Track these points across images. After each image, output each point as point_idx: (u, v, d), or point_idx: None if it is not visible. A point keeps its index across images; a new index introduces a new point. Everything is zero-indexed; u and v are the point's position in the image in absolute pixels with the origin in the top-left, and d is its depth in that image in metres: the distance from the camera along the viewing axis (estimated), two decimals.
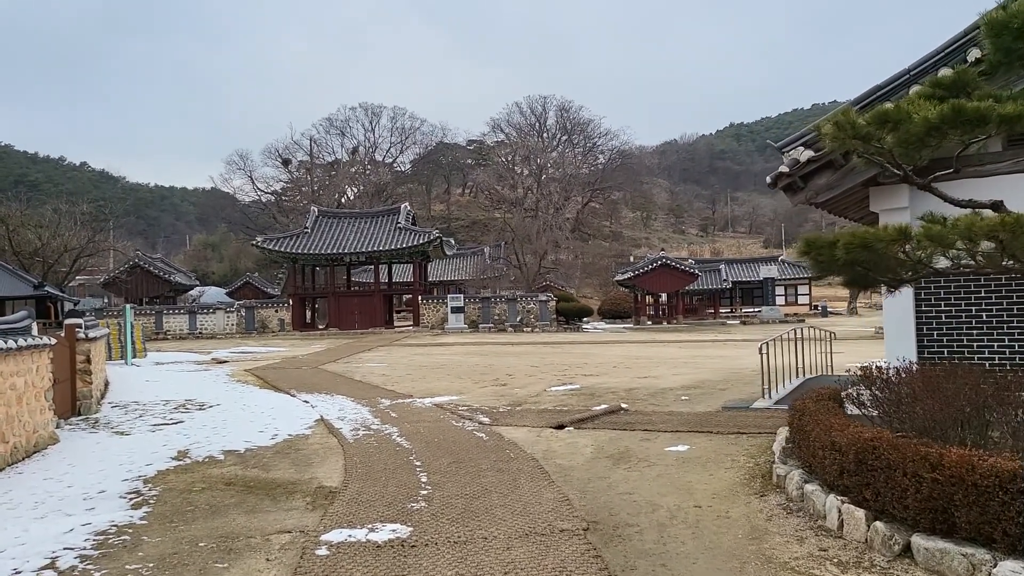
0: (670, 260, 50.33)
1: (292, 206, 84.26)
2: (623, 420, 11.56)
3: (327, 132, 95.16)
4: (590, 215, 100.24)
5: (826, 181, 9.26)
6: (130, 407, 14.45)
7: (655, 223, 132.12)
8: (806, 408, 7.09)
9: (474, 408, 13.50)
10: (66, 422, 12.27)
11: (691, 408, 12.73)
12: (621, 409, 12.62)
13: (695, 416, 11.72)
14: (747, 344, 31.27)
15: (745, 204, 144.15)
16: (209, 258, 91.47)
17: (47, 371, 10.56)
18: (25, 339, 9.51)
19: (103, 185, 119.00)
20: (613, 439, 10.10)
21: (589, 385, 16.71)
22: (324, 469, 8.88)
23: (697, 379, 17.41)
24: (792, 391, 12.89)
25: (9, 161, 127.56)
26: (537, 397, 15.02)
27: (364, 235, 45.91)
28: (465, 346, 31.96)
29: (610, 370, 20.32)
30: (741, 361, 22.41)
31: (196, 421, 12.67)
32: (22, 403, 9.54)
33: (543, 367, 21.53)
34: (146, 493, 7.88)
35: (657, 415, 11.99)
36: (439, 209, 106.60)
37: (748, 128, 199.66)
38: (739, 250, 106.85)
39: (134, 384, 18.60)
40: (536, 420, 11.86)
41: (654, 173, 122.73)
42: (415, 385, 17.76)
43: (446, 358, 26.01)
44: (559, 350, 28.78)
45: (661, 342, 33.12)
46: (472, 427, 11.40)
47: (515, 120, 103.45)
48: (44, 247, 35.68)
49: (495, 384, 17.62)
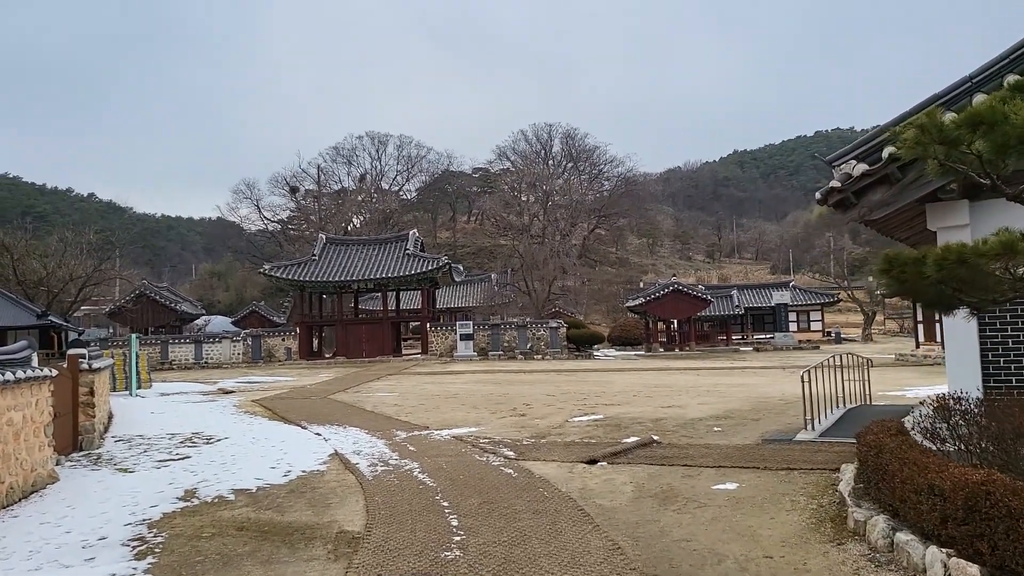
0: (682, 286, 49.65)
1: (298, 235, 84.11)
2: (659, 454, 10.83)
3: (334, 161, 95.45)
4: (596, 242, 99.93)
5: (881, 197, 8.62)
6: (134, 441, 13.77)
7: (661, 249, 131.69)
8: (883, 444, 6.39)
9: (496, 441, 12.79)
10: (67, 458, 11.59)
11: (728, 440, 12.00)
12: (654, 442, 11.90)
13: (735, 450, 10.99)
14: (766, 372, 30.55)
15: (751, 230, 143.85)
16: (215, 287, 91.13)
17: (47, 405, 9.91)
18: (24, 371, 8.88)
19: (110, 215, 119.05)
20: (653, 476, 9.38)
21: (612, 415, 15.98)
22: (344, 511, 8.17)
23: (725, 409, 16.67)
24: (836, 423, 12.16)
25: (17, 192, 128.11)
26: (560, 428, 14.30)
27: (372, 262, 45.41)
28: (476, 374, 31.23)
29: (631, 399, 19.59)
30: (765, 389, 21.69)
31: (204, 456, 11.98)
32: (19, 440, 8.88)
33: (560, 396, 20.81)
34: (151, 540, 7.19)
35: (694, 448, 11.26)
36: (445, 236, 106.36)
37: (752, 155, 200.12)
38: (746, 276, 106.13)
39: (139, 416, 17.93)
40: (565, 454, 11.14)
41: (659, 200, 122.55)
42: (430, 416, 17.05)
43: (458, 387, 25.30)
44: (573, 378, 28.04)
45: (677, 369, 32.34)
46: (498, 462, 10.69)
47: (521, 147, 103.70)
48: (49, 276, 35.17)
49: (513, 414, 16.90)
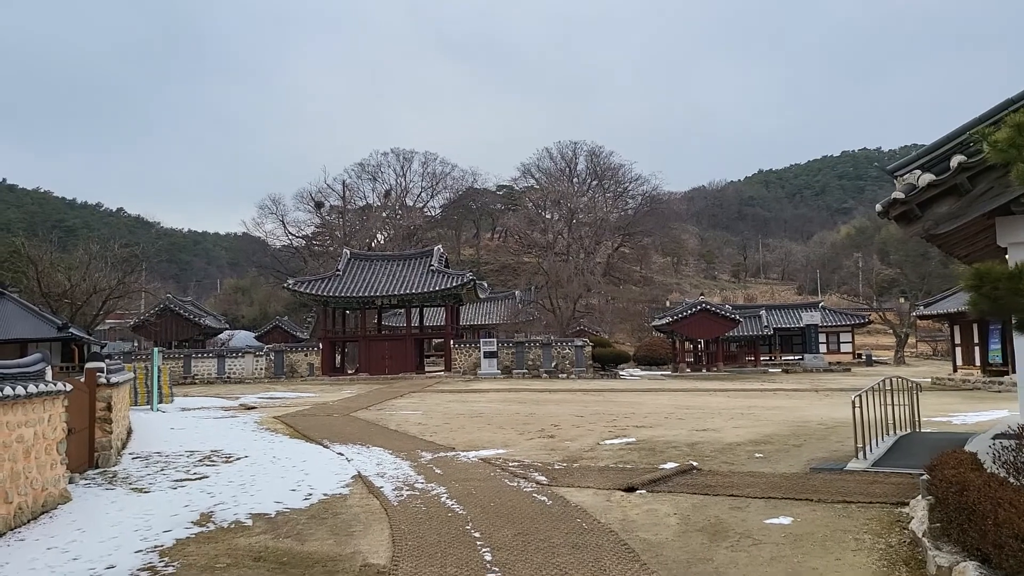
0: (710, 305, 48.76)
1: (323, 250, 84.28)
2: (701, 482, 10.18)
3: (359, 177, 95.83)
4: (620, 260, 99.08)
5: (948, 209, 8.00)
6: (152, 459, 13.36)
7: (686, 268, 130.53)
8: (967, 480, 5.73)
9: (526, 464, 12.20)
10: (81, 476, 11.19)
11: (772, 468, 11.30)
12: (693, 468, 11.24)
13: (783, 479, 10.30)
14: (799, 394, 29.61)
15: (776, 250, 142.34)
16: (239, 302, 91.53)
17: (60, 421, 9.51)
18: (36, 385, 8.49)
19: (138, 230, 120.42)
20: (698, 506, 8.74)
21: (645, 438, 15.31)
22: (368, 540, 7.63)
23: (762, 433, 15.92)
24: (888, 451, 11.43)
25: (48, 207, 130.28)
26: (592, 452, 13.68)
27: (396, 278, 45.11)
28: (501, 393, 30.64)
29: (662, 421, 18.90)
30: (802, 412, 20.89)
31: (222, 476, 11.52)
32: (30, 458, 8.48)
33: (589, 417, 20.16)
34: (162, 570, 6.69)
35: (738, 476, 10.58)
36: (468, 253, 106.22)
37: (777, 175, 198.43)
38: (773, 296, 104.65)
39: (158, 432, 17.58)
40: (600, 480, 10.52)
41: (683, 219, 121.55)
42: (455, 436, 16.50)
43: (483, 405, 24.73)
44: (601, 398, 27.36)
45: (706, 390, 31.49)
46: (530, 488, 10.09)
47: (545, 165, 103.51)
48: (73, 289, 35.21)
49: (542, 436, 16.29)
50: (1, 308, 27.31)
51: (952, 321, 35.92)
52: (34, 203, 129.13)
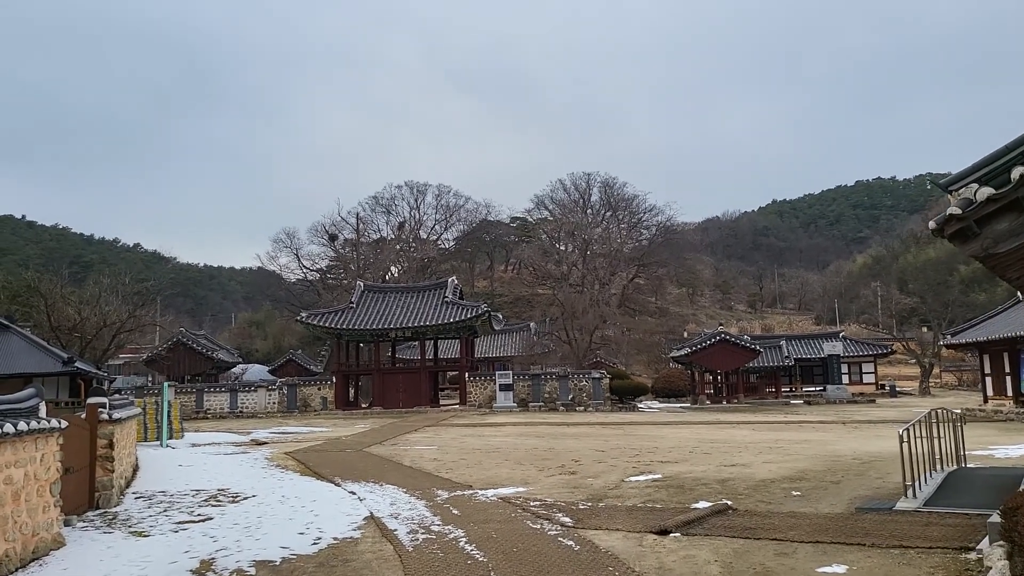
0: (729, 335, 47.82)
1: (337, 283, 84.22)
2: (739, 524, 9.43)
3: (373, 210, 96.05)
4: (635, 291, 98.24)
5: (1008, 226, 7.35)
6: (155, 498, 12.76)
7: (701, 299, 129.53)
8: None
9: (548, 504, 11.49)
10: (79, 518, 10.60)
11: (813, 507, 10.54)
12: (729, 508, 10.49)
13: (828, 520, 9.54)
14: (826, 427, 28.63)
15: (792, 280, 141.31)
16: (254, 336, 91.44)
17: (55, 460, 8.95)
18: (28, 422, 7.95)
19: (155, 265, 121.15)
20: (740, 552, 8.01)
21: (672, 475, 14.55)
22: None
23: (795, 468, 15.11)
24: (939, 488, 10.64)
25: (66, 243, 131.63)
26: (617, 490, 12.94)
27: (410, 310, 44.60)
28: (517, 426, 29.88)
29: (688, 456, 18.11)
30: (833, 446, 20.02)
31: (227, 518, 10.88)
32: (19, 501, 7.90)
33: (610, 452, 19.39)
34: None
35: (778, 517, 9.82)
36: (482, 285, 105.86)
37: (791, 204, 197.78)
38: (790, 326, 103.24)
39: (165, 469, 17.01)
40: (629, 521, 9.80)
41: (697, 250, 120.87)
42: (472, 473, 15.80)
43: (499, 440, 24.00)
44: (620, 432, 26.54)
45: (729, 423, 30.58)
46: (554, 531, 9.39)
47: (559, 196, 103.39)
48: (83, 322, 34.95)
49: (563, 472, 15.56)
50: (5, 342, 26.93)
51: (982, 350, 34.86)
52: (52, 239, 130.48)
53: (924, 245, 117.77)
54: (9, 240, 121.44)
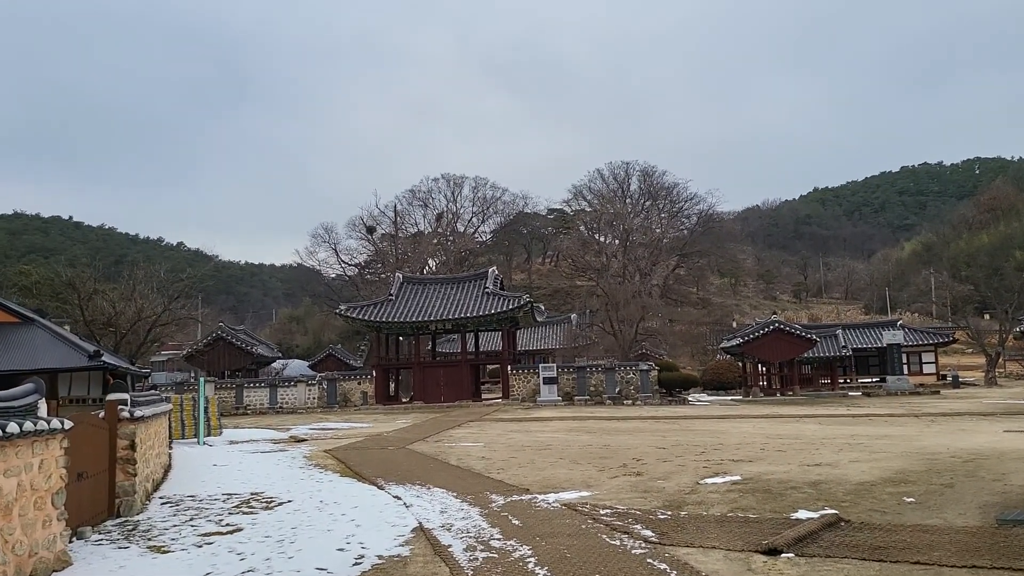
0: (784, 325, 45.68)
1: (375, 277, 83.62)
2: (861, 541, 7.85)
3: (410, 203, 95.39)
4: (676, 282, 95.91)
5: None
6: (183, 504, 11.62)
7: (744, 289, 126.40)
8: None
9: (621, 512, 10.03)
10: (95, 529, 9.44)
11: (941, 519, 8.90)
12: (840, 520, 8.89)
13: (969, 536, 7.91)
14: (898, 421, 26.56)
15: (837, 269, 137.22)
16: (294, 331, 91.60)
17: (58, 466, 7.75)
18: (19, 423, 6.74)
19: (197, 263, 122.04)
20: None
21: (752, 476, 12.97)
22: None
23: (891, 469, 13.40)
24: None
25: (112, 242, 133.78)
26: (694, 494, 11.42)
27: (450, 301, 43.37)
28: (565, 421, 28.43)
29: (760, 454, 16.46)
30: (919, 442, 18.16)
31: (258, 528, 9.65)
32: (11, 516, 6.70)
33: (672, 449, 17.83)
34: None
35: (906, 532, 8.22)
36: (520, 278, 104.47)
37: (833, 192, 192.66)
38: (838, 316, 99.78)
39: (198, 469, 15.94)
40: (725, 537, 8.29)
41: (737, 239, 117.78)
42: (526, 473, 14.41)
43: (548, 435, 22.60)
44: (676, 426, 24.94)
45: (791, 417, 28.69)
46: (639, 549, 7.92)
47: (597, 187, 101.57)
48: (117, 316, 34.37)
49: (626, 473, 14.07)
50: (30, 336, 26.19)
51: None
52: (99, 239, 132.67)
53: (977, 231, 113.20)
54: (57, 240, 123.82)
